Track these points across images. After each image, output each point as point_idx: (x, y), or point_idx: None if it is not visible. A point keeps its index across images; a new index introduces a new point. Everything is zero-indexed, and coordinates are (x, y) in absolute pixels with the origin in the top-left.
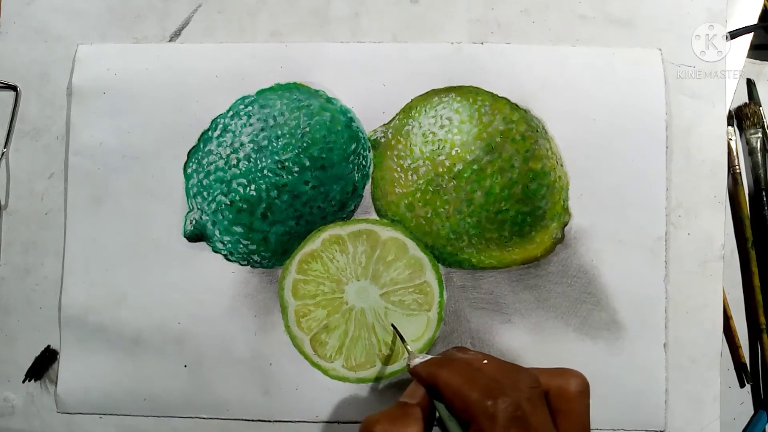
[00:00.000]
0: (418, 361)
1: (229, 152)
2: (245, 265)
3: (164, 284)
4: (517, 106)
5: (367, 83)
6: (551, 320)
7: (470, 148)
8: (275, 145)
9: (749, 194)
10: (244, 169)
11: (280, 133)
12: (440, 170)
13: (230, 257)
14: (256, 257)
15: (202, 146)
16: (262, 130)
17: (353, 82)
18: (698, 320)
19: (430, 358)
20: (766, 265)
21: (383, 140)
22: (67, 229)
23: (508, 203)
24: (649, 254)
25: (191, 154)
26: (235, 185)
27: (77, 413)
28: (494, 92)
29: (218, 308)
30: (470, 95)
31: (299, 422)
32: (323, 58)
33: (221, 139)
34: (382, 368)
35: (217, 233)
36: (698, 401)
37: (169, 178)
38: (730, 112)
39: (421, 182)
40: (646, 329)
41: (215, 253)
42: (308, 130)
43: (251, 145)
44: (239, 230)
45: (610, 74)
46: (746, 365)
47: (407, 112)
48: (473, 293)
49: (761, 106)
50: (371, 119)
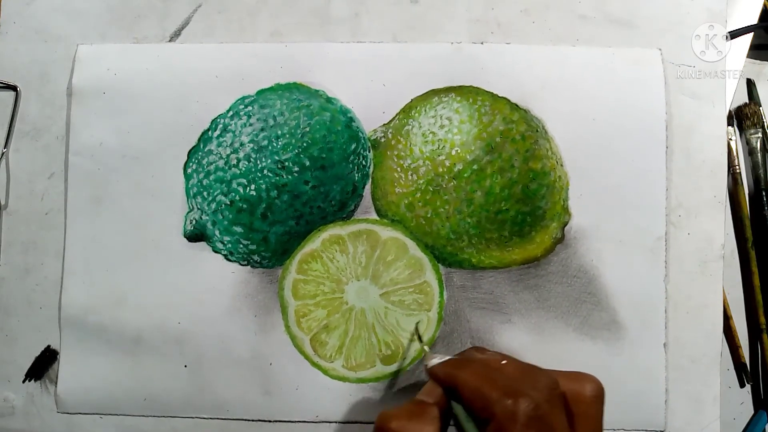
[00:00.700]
0: (435, 361)
1: (229, 152)
2: (245, 265)
3: (164, 284)
4: (517, 106)
5: (367, 83)
6: (551, 320)
7: (470, 148)
8: (275, 145)
9: (749, 194)
10: (244, 169)
11: (280, 133)
12: (440, 170)
13: (230, 257)
14: (256, 257)
15: (202, 146)
16: (262, 130)
17: (353, 82)
18: (698, 320)
19: (448, 358)
20: (766, 265)
21: (383, 140)
22: (67, 229)
23: (508, 203)
24: (649, 254)
25: (191, 154)
26: (235, 185)
27: (77, 413)
28: (494, 92)
29: (218, 308)
30: (470, 95)
31: (299, 422)
32: (323, 58)
33: (221, 139)
34: (382, 368)
35: (217, 233)
36: (698, 401)
37: (169, 178)
38: (730, 112)
39: (421, 182)
40: (646, 329)
41: (215, 253)
42: (308, 130)
43: (251, 145)
44: (239, 230)
45: (610, 74)
46: (746, 365)
47: (407, 112)
48: (473, 293)
49: (761, 106)
50: (371, 119)
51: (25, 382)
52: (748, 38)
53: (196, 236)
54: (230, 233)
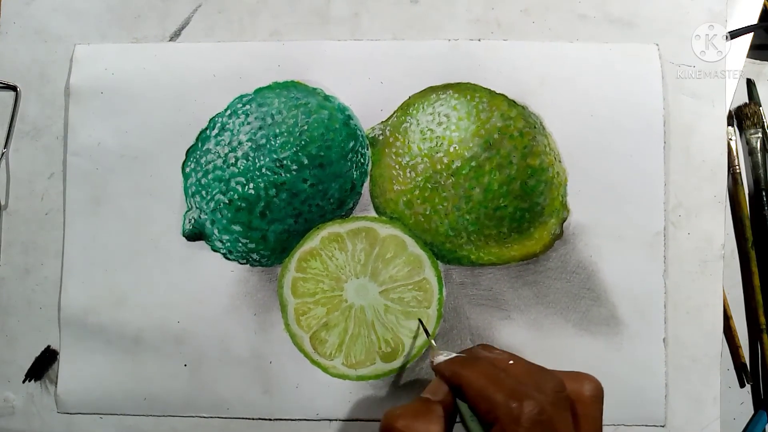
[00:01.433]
0: (441, 358)
1: (227, 151)
2: (244, 263)
3: (163, 284)
4: (514, 102)
5: (364, 81)
6: (550, 316)
7: (468, 144)
8: (273, 143)
9: (749, 194)
10: (242, 167)
11: (278, 131)
12: (438, 167)
13: (229, 256)
14: (255, 255)
15: (200, 145)
16: (260, 128)
17: (351, 79)
18: (698, 320)
19: (454, 356)
20: (766, 265)
21: (381, 138)
22: (66, 229)
23: (506, 200)
24: (648, 249)
25: (189, 153)
26: (233, 184)
27: (77, 413)
28: (492, 89)
29: (217, 307)
30: (468, 92)
31: (299, 420)
32: (321, 56)
33: (219, 138)
34: (382, 365)
35: (215, 232)
36: (699, 401)
37: (167, 177)
38: (730, 112)
39: (419, 179)
40: (645, 324)
41: (214, 251)
42: (306, 128)
43: (249, 143)
44: (238, 229)
45: (607, 70)
46: (746, 365)
47: (405, 109)
48: (472, 290)
49: (761, 106)
50: (369, 117)
51: (25, 382)
52: (748, 38)
53: (194, 235)
54: (229, 232)
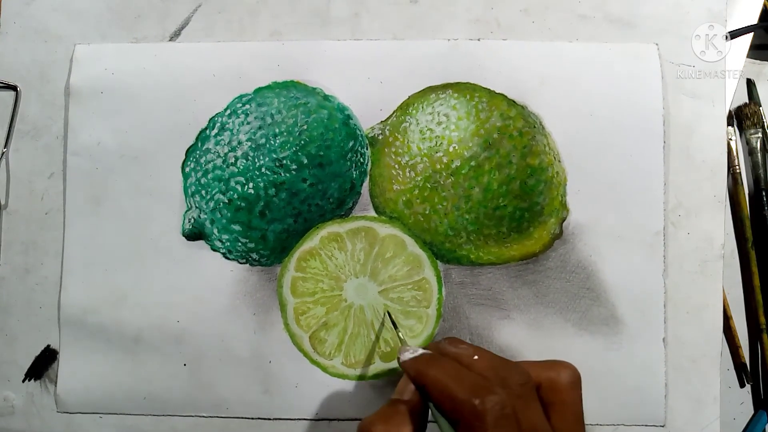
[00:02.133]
0: (408, 355)
1: (227, 151)
2: (244, 263)
3: (163, 283)
4: (514, 102)
5: (364, 81)
6: (550, 316)
7: (468, 144)
8: (273, 143)
9: (749, 194)
10: (242, 167)
11: (277, 131)
12: (438, 167)
13: (229, 255)
14: (254, 255)
15: (200, 145)
16: (259, 128)
17: (350, 79)
18: (698, 320)
19: (420, 353)
20: (766, 265)
21: (381, 137)
22: (65, 229)
23: (506, 199)
24: (647, 249)
25: (189, 153)
26: (233, 183)
27: (77, 413)
28: (491, 89)
29: (217, 307)
30: (467, 92)
31: (299, 420)
32: (320, 56)
33: (219, 137)
34: (381, 365)
35: (215, 232)
36: (698, 401)
37: (167, 177)
38: (730, 112)
39: (418, 179)
40: (645, 324)
41: (214, 251)
42: (306, 127)
43: (249, 143)
44: (237, 228)
45: (606, 69)
46: (746, 365)
47: (404, 109)
48: (472, 289)
49: (761, 106)
50: (369, 116)
51: (24, 381)
52: (748, 38)
53: (194, 235)
54: (228, 231)
